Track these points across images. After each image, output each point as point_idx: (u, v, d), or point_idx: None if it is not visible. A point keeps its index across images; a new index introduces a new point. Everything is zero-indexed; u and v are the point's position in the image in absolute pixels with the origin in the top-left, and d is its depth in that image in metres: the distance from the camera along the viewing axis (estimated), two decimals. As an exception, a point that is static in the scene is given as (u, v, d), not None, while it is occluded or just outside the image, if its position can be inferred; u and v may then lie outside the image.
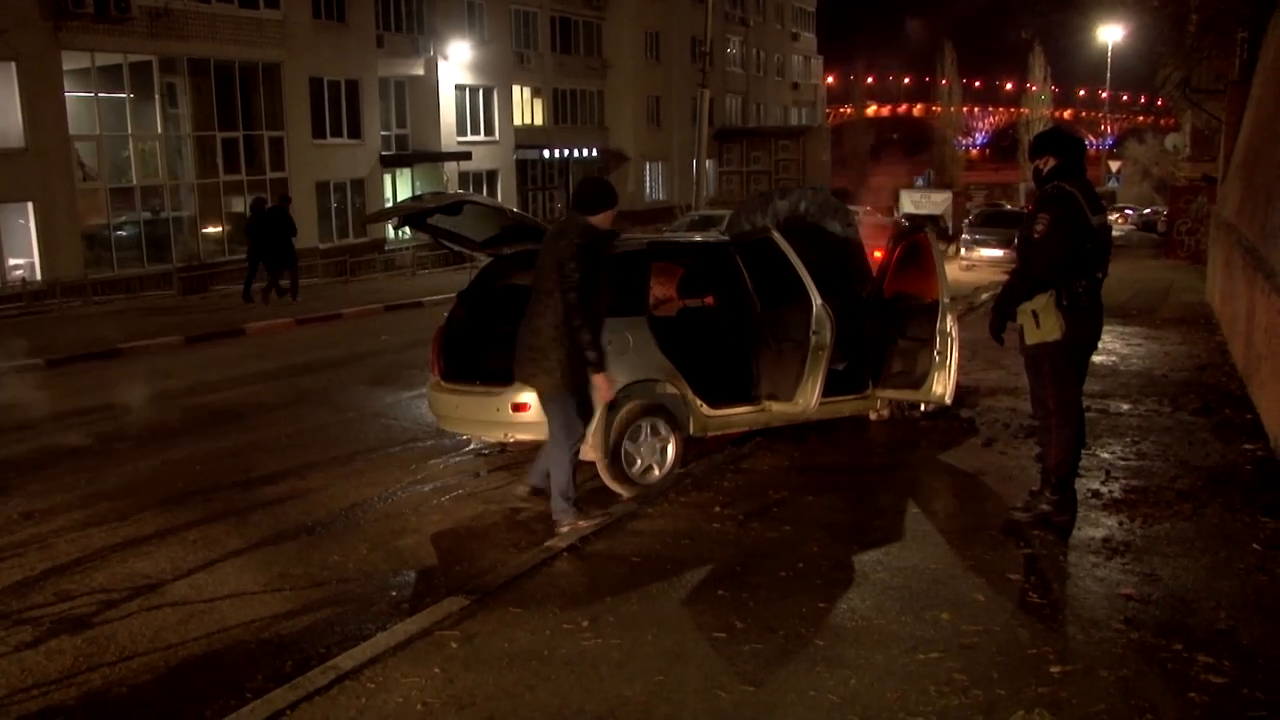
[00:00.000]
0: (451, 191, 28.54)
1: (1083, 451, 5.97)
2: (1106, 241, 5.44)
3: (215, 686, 4.31)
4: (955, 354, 7.42)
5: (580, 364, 5.62)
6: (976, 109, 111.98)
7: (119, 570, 5.68)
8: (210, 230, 27.08)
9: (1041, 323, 5.36)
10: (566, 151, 42.03)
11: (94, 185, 24.57)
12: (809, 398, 6.94)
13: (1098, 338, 5.67)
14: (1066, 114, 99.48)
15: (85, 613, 5.10)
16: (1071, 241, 5.24)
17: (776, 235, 7.10)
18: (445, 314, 7.60)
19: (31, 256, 22.92)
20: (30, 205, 22.72)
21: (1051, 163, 5.43)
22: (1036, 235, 5.29)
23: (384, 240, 31.84)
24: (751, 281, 7.49)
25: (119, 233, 25.34)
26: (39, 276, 22.57)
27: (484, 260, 7.68)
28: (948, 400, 7.47)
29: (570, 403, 5.73)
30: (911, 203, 35.16)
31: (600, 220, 5.80)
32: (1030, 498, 5.74)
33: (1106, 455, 6.97)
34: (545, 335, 5.65)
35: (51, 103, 22.77)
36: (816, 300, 6.89)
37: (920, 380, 7.49)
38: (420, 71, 33.94)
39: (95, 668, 4.50)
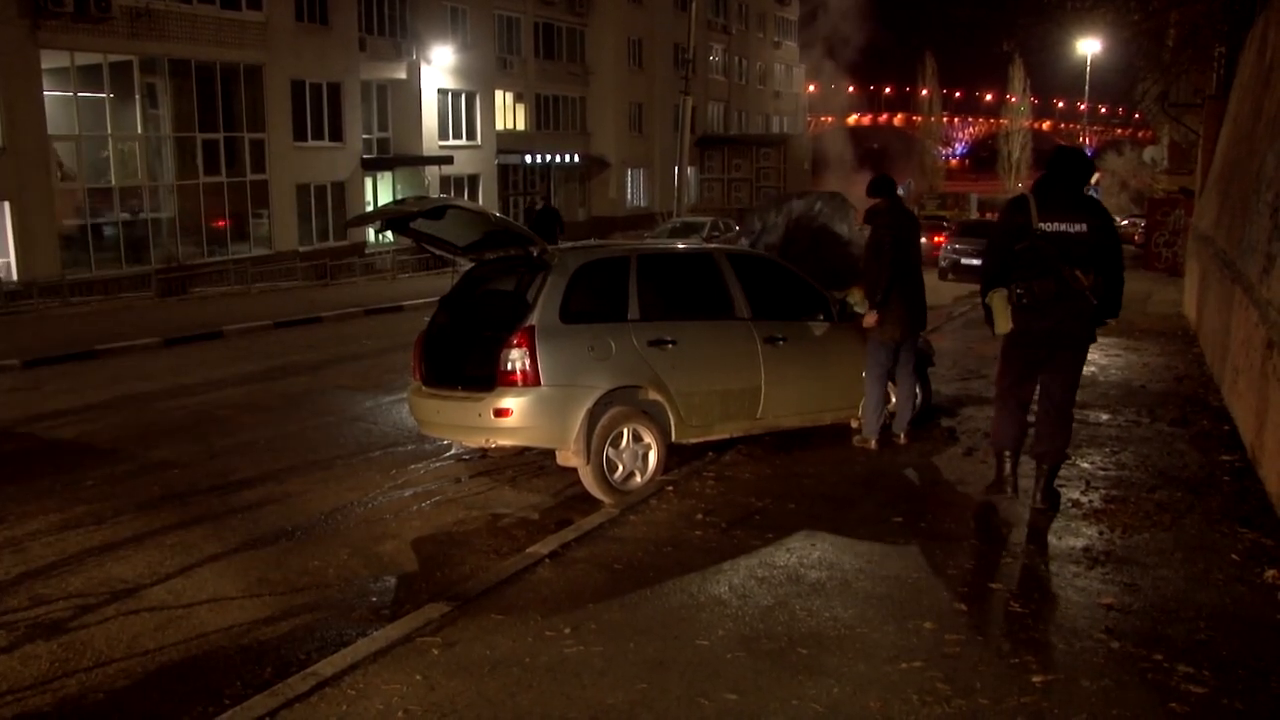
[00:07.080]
0: (434, 196, 28.47)
1: (1063, 462, 6.12)
2: (1044, 245, 5.54)
3: (194, 693, 4.27)
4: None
5: None
6: (956, 119, 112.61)
7: (95, 575, 5.62)
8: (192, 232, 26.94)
9: (995, 316, 5.83)
10: (548, 157, 42.02)
11: (72, 185, 24.38)
12: None
13: (1056, 343, 5.71)
14: (1045, 125, 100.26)
15: (61, 617, 5.04)
16: (999, 240, 5.80)
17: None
18: (427, 319, 7.57)
19: (8, 256, 22.72)
20: (7, 205, 22.53)
21: (1041, 175, 5.86)
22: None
23: (364, 244, 31.73)
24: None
25: (97, 233, 25.13)
26: (15, 276, 22.37)
27: (466, 265, 7.66)
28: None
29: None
30: None
31: None
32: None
33: (1086, 465, 7.01)
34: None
35: (29, 102, 22.57)
36: None
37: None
38: (402, 75, 33.84)
39: (71, 673, 4.45)
